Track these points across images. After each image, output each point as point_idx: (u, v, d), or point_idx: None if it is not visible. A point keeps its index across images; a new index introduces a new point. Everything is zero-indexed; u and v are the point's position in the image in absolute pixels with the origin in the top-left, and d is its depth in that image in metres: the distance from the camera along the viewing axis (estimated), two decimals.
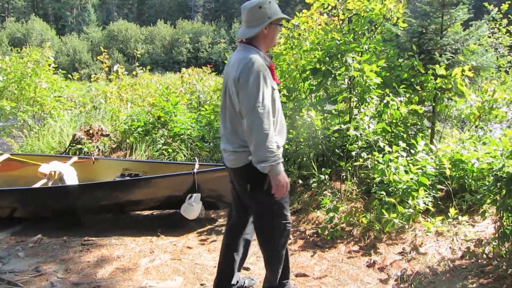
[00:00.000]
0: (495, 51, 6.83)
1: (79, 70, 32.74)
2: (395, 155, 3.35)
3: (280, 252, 2.33)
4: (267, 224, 2.28)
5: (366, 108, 4.05)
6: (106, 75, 10.01)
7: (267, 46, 2.22)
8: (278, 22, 2.19)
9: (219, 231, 3.60)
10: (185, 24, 45.62)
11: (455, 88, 3.78)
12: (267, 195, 2.13)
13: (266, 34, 2.16)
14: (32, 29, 40.21)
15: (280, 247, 2.32)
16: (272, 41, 2.20)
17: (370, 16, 4.44)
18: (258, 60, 2.07)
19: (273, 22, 2.15)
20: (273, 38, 2.20)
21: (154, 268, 2.94)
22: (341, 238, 3.23)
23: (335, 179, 3.98)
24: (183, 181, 3.58)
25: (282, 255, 2.34)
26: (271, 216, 2.25)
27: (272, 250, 2.33)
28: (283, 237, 2.31)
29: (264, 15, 2.12)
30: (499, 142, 3.25)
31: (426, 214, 3.27)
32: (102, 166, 4.48)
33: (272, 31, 2.18)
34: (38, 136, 6.35)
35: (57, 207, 3.81)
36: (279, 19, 2.18)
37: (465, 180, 3.48)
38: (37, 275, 2.86)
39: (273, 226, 2.26)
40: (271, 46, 2.25)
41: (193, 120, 5.75)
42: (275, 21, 2.16)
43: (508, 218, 2.56)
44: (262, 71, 2.05)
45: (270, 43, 2.21)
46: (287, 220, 2.29)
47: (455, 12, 4.05)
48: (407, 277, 2.63)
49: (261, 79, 2.04)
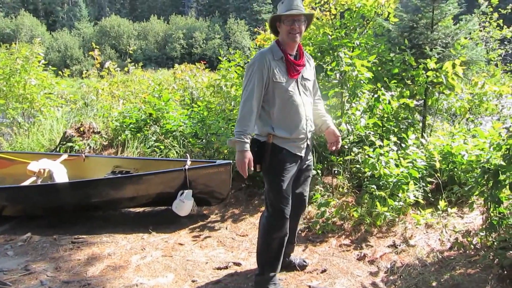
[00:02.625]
0: (486, 45, 6.87)
1: (70, 66, 32.47)
2: (385, 149, 3.36)
3: (267, 241, 2.46)
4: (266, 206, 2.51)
5: (358, 102, 4.06)
6: (97, 71, 9.92)
7: (283, 41, 2.39)
8: (284, 19, 2.34)
9: (212, 228, 3.60)
10: (178, 20, 45.27)
11: (446, 82, 3.79)
12: (264, 173, 2.42)
13: (280, 31, 2.40)
14: (22, 24, 39.64)
15: (267, 235, 2.45)
16: (286, 36, 2.35)
17: (362, 11, 4.44)
18: (259, 54, 2.36)
19: (281, 20, 2.36)
20: (284, 34, 2.36)
21: (145, 265, 2.93)
22: (332, 232, 3.25)
23: (327, 174, 4.00)
24: (175, 178, 3.57)
25: (269, 244, 2.45)
26: (267, 199, 2.47)
27: (261, 236, 2.51)
28: (273, 228, 2.42)
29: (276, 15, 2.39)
30: (487, 134, 3.28)
31: (417, 207, 3.29)
32: (93, 164, 4.45)
33: (282, 28, 2.37)
34: (28, 133, 6.28)
35: (46, 205, 3.79)
36: (282, 18, 2.34)
37: (454, 173, 3.51)
38: (27, 273, 2.84)
39: (266, 212, 2.48)
40: (288, 41, 2.37)
41: (186, 116, 5.72)
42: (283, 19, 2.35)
43: (495, 209, 2.59)
44: (256, 63, 2.31)
45: (285, 39, 2.37)
46: (281, 210, 2.40)
47: (445, 6, 4.06)
48: (397, 269, 2.65)
49: (250, 70, 2.32)
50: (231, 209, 3.94)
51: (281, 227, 2.43)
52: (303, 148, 2.45)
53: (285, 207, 2.42)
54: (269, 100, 2.36)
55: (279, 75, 2.33)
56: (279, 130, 2.36)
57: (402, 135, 3.76)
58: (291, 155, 2.40)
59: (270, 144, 2.36)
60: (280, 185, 2.38)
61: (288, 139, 2.38)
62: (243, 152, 2.29)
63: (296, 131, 2.38)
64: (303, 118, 2.39)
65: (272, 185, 2.42)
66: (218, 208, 3.99)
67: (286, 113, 2.36)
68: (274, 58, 2.35)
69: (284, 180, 2.38)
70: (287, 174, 2.39)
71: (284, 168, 2.38)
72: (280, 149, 2.37)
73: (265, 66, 2.30)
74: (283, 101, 2.34)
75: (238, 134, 2.29)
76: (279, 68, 2.34)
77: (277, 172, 2.39)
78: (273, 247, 2.47)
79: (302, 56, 2.44)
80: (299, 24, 2.33)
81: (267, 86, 2.33)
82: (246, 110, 2.29)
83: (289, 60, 2.36)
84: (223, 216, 3.83)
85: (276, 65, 2.34)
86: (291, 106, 2.36)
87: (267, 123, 2.37)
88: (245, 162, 2.29)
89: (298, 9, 2.31)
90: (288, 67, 2.36)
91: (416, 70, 3.90)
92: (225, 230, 3.52)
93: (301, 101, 2.39)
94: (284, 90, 2.34)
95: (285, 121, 2.36)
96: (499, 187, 2.52)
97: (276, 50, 2.37)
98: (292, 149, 2.40)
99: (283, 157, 2.38)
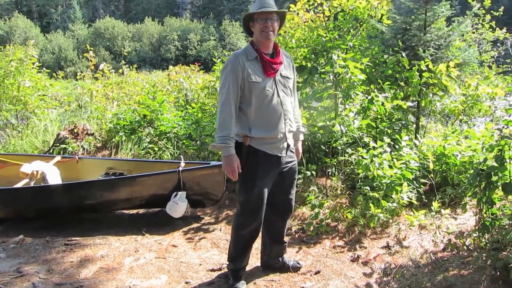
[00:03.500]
0: (479, 47, 6.93)
1: (64, 68, 32.25)
2: (379, 150, 3.37)
3: (234, 236, 2.56)
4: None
5: (352, 104, 4.08)
6: (92, 73, 9.87)
7: (257, 40, 2.39)
8: (256, 18, 2.34)
9: (206, 229, 3.58)
10: (173, 22, 45.14)
11: (439, 83, 3.82)
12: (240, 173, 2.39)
13: (254, 30, 2.39)
14: (16, 26, 39.29)
15: (234, 231, 2.54)
16: (260, 35, 2.35)
17: (355, 13, 4.46)
18: (233, 55, 2.36)
19: (254, 19, 2.35)
20: (257, 33, 2.36)
21: (138, 267, 2.91)
22: (326, 233, 3.25)
23: (321, 175, 4.00)
24: (168, 179, 3.55)
25: (235, 240, 2.55)
26: (238, 198, 2.51)
27: (231, 231, 2.59)
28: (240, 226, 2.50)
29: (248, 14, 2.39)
30: (480, 136, 3.30)
31: (410, 208, 3.30)
32: (86, 166, 4.42)
33: (255, 27, 2.37)
34: (21, 135, 6.23)
35: (39, 207, 3.75)
36: (254, 17, 2.34)
37: (448, 174, 3.53)
38: (19, 276, 2.81)
39: (238, 207, 2.54)
40: (262, 40, 2.36)
41: (180, 118, 5.71)
42: (255, 18, 2.35)
43: (488, 210, 2.61)
44: (230, 65, 2.32)
45: (258, 37, 2.37)
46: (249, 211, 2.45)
47: (438, 8, 4.09)
48: (390, 271, 2.66)
49: (224, 72, 2.33)
50: (225, 210, 3.94)
51: (248, 226, 2.48)
52: (282, 149, 2.43)
53: (254, 208, 2.45)
54: (246, 101, 2.35)
55: (254, 75, 2.32)
56: (256, 130, 2.35)
57: (395, 136, 3.78)
58: (267, 157, 2.39)
59: (246, 146, 2.36)
60: (251, 187, 2.40)
61: (266, 139, 2.37)
62: (231, 157, 2.31)
63: (274, 131, 2.37)
64: (281, 117, 2.38)
65: (243, 185, 2.43)
66: (212, 210, 3.98)
67: (263, 113, 2.35)
68: (248, 59, 2.34)
69: (257, 182, 2.39)
70: (262, 176, 2.40)
71: (258, 170, 2.39)
72: (256, 151, 2.37)
73: (239, 68, 2.30)
74: (260, 101, 2.33)
75: (223, 139, 2.29)
76: (254, 68, 2.33)
77: (250, 174, 2.39)
78: (238, 243, 2.55)
79: (279, 54, 2.41)
80: (272, 22, 2.32)
81: (243, 87, 2.33)
82: (226, 114, 2.30)
83: (264, 59, 2.34)
84: (217, 218, 3.82)
85: (250, 65, 2.33)
86: (268, 105, 2.34)
87: (245, 124, 2.37)
88: (235, 166, 2.32)
89: (270, 7, 2.31)
90: (264, 66, 2.34)
91: (409, 71, 3.92)
92: (219, 232, 3.51)
93: (279, 100, 2.37)
94: (261, 89, 2.33)
95: (262, 121, 2.35)
96: (491, 188, 2.53)
97: (250, 50, 2.37)
98: (270, 150, 2.39)
99: (259, 160, 2.37)
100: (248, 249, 2.60)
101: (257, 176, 2.39)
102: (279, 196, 2.57)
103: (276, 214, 2.63)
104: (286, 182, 2.55)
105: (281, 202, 2.60)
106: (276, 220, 2.65)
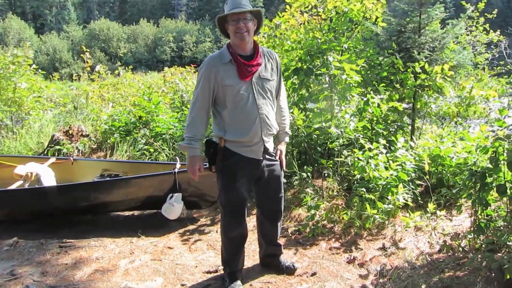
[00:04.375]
0: (473, 49, 6.99)
1: (59, 69, 32.09)
2: (375, 152, 3.38)
3: (223, 240, 2.57)
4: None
5: (347, 106, 4.09)
6: (88, 74, 9.85)
7: (233, 43, 2.34)
8: (229, 19, 2.28)
9: (202, 231, 3.57)
10: (168, 23, 45.12)
11: (434, 85, 3.84)
12: (217, 175, 2.44)
13: (229, 32, 2.33)
14: (9, 27, 39.04)
15: (223, 235, 2.56)
16: (234, 36, 2.30)
17: (349, 15, 4.48)
18: (208, 58, 2.35)
19: (227, 21, 2.30)
20: (232, 34, 2.31)
21: (133, 269, 2.89)
22: (322, 235, 3.25)
23: (317, 177, 4.00)
24: (164, 181, 3.54)
25: (225, 244, 2.57)
26: (219, 196, 2.52)
27: (221, 231, 2.59)
28: (227, 229, 2.51)
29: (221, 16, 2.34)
30: (475, 137, 3.32)
31: (406, 210, 3.31)
32: (81, 167, 4.39)
33: (230, 29, 2.31)
34: (16, 136, 6.19)
35: (33, 209, 3.72)
36: (227, 18, 2.29)
37: (443, 175, 3.54)
38: (12, 278, 2.79)
39: (221, 209, 2.56)
40: (237, 41, 2.30)
41: (176, 119, 5.69)
42: (228, 19, 2.29)
43: (483, 212, 2.62)
44: (204, 67, 2.31)
45: (233, 39, 2.32)
46: (231, 212, 2.48)
47: (432, 11, 4.11)
48: (386, 272, 2.66)
49: (199, 74, 2.33)
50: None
51: (234, 228, 2.49)
52: (259, 152, 2.39)
53: (236, 209, 2.46)
54: (221, 103, 2.33)
55: (228, 79, 2.27)
56: (230, 133, 2.32)
57: (391, 138, 3.79)
58: (244, 160, 2.36)
59: (222, 148, 2.34)
60: (230, 189, 2.41)
61: (241, 142, 2.34)
62: (194, 158, 2.36)
63: (249, 135, 2.32)
64: (256, 121, 2.31)
65: (223, 186, 2.44)
66: (208, 212, 3.97)
67: (237, 116, 2.31)
68: (222, 62, 2.29)
69: (236, 184, 2.39)
70: (239, 178, 2.39)
71: (236, 172, 2.38)
72: (233, 153, 2.35)
73: (212, 71, 2.27)
74: (234, 104, 2.29)
75: (188, 140, 2.32)
76: (228, 72, 2.28)
77: (228, 176, 2.39)
78: (228, 247, 2.57)
79: (257, 56, 2.34)
80: (245, 22, 2.25)
81: (217, 90, 2.30)
82: (194, 115, 2.32)
83: (239, 61, 2.28)
84: (213, 219, 3.81)
85: (224, 68, 2.28)
86: (243, 108, 2.29)
87: (221, 126, 2.36)
88: (196, 168, 2.38)
89: (242, 7, 2.24)
90: (239, 69, 2.28)
91: (404, 73, 3.94)
92: (215, 234, 3.50)
93: (254, 104, 2.31)
94: (235, 93, 2.27)
95: (236, 124, 2.32)
96: (486, 190, 2.55)
97: (224, 53, 2.32)
98: (246, 153, 2.36)
99: (235, 162, 2.36)
100: (239, 251, 2.60)
101: (236, 177, 2.39)
102: (267, 200, 2.58)
103: (266, 218, 2.65)
104: (271, 186, 2.54)
105: (269, 206, 2.60)
106: (266, 222, 2.66)
